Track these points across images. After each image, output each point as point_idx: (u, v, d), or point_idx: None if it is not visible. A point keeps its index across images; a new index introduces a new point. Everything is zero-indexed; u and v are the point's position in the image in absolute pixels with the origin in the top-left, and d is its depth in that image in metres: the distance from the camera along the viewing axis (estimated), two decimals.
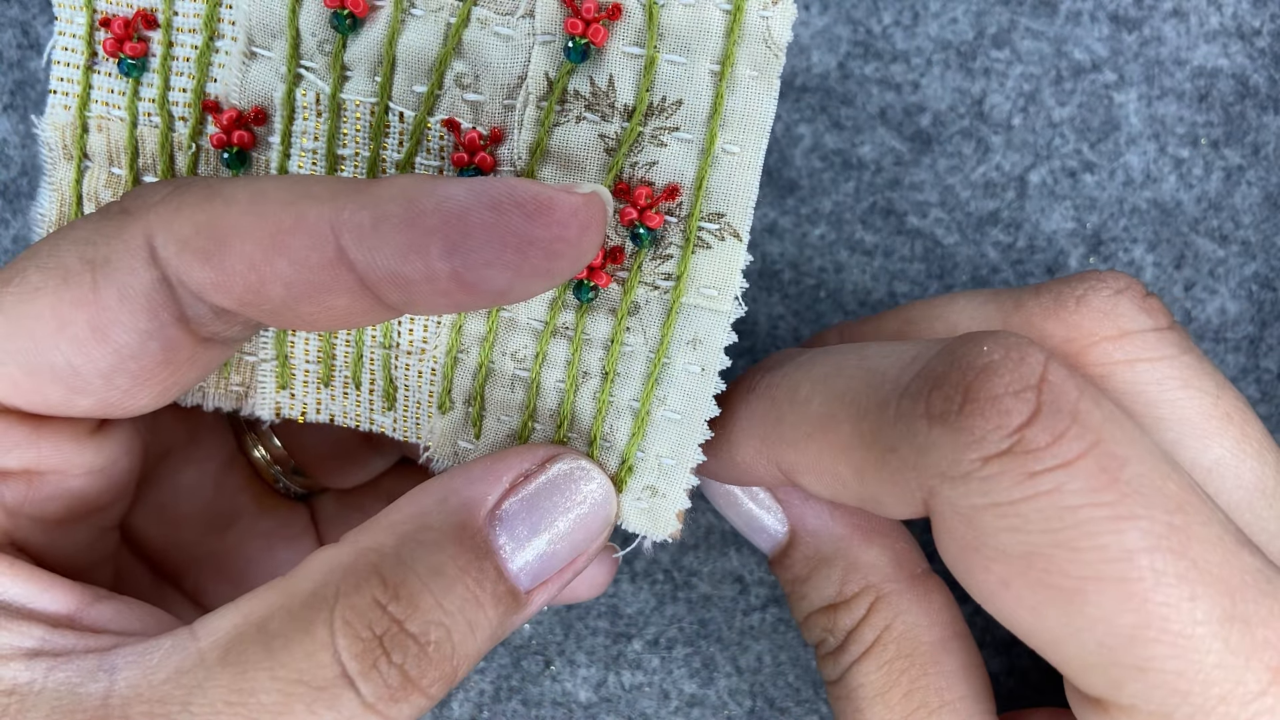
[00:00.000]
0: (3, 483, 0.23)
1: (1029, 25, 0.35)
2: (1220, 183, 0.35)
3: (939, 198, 0.35)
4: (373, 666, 0.20)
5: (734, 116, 0.23)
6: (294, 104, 0.25)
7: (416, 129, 0.24)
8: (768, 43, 0.23)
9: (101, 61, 0.25)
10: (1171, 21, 0.34)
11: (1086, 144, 0.35)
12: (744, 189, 0.24)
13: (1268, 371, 0.35)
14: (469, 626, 0.21)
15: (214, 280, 0.21)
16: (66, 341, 0.21)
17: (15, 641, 0.21)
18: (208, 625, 0.21)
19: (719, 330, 0.24)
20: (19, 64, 0.35)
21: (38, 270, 0.21)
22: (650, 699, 0.35)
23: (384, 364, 0.26)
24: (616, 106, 0.23)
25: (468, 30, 0.24)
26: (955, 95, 0.35)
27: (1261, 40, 0.34)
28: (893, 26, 0.35)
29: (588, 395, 0.25)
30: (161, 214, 0.21)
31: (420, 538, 0.22)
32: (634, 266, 0.24)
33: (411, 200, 0.21)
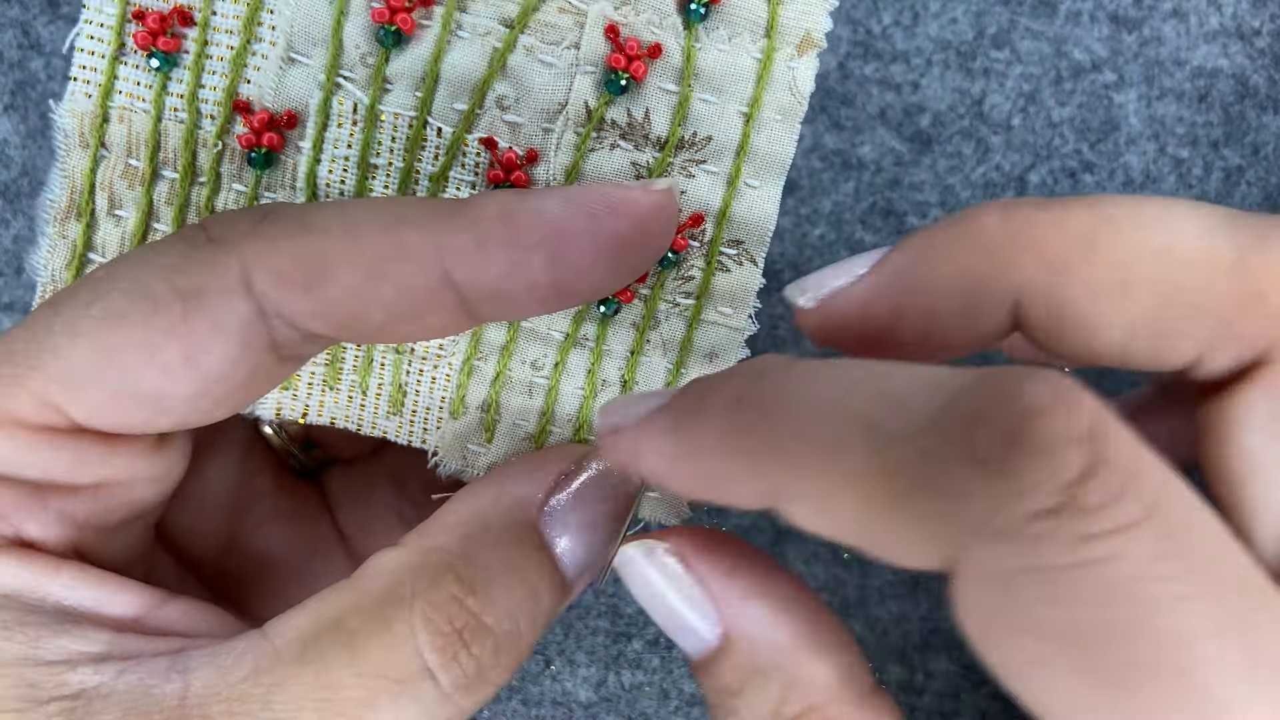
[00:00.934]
0: (75, 496, 0.23)
1: (1029, 25, 0.35)
2: (1220, 183, 0.35)
3: (939, 198, 0.35)
4: (453, 659, 0.21)
5: (758, 155, 0.25)
6: (329, 111, 0.25)
7: (454, 144, 0.25)
8: (792, 90, 0.25)
9: (130, 53, 0.26)
10: (1171, 22, 0.34)
11: (1086, 144, 0.35)
12: (763, 220, 0.26)
13: None
14: (531, 617, 0.23)
15: (313, 310, 0.21)
16: (156, 370, 0.21)
17: (81, 646, 0.21)
18: (278, 627, 0.22)
19: (734, 345, 0.26)
20: (19, 64, 0.35)
21: (122, 295, 0.21)
22: (650, 698, 0.36)
23: (394, 369, 0.27)
24: (650, 137, 0.25)
25: (513, 55, 0.25)
26: (955, 95, 0.35)
27: (1261, 40, 0.34)
28: (893, 27, 0.35)
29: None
30: (256, 246, 0.21)
31: (484, 537, 0.23)
32: (657, 285, 0.26)
33: (510, 217, 0.21)
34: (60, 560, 0.23)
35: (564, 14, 0.25)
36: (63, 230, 0.26)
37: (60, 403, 0.22)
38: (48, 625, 0.22)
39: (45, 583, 0.22)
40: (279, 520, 0.31)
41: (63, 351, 0.21)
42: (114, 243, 0.26)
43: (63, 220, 0.26)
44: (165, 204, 0.26)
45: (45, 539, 0.23)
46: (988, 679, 0.35)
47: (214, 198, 0.26)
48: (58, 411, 0.22)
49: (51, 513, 0.23)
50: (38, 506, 0.23)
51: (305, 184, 0.25)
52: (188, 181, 0.26)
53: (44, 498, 0.23)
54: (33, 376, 0.21)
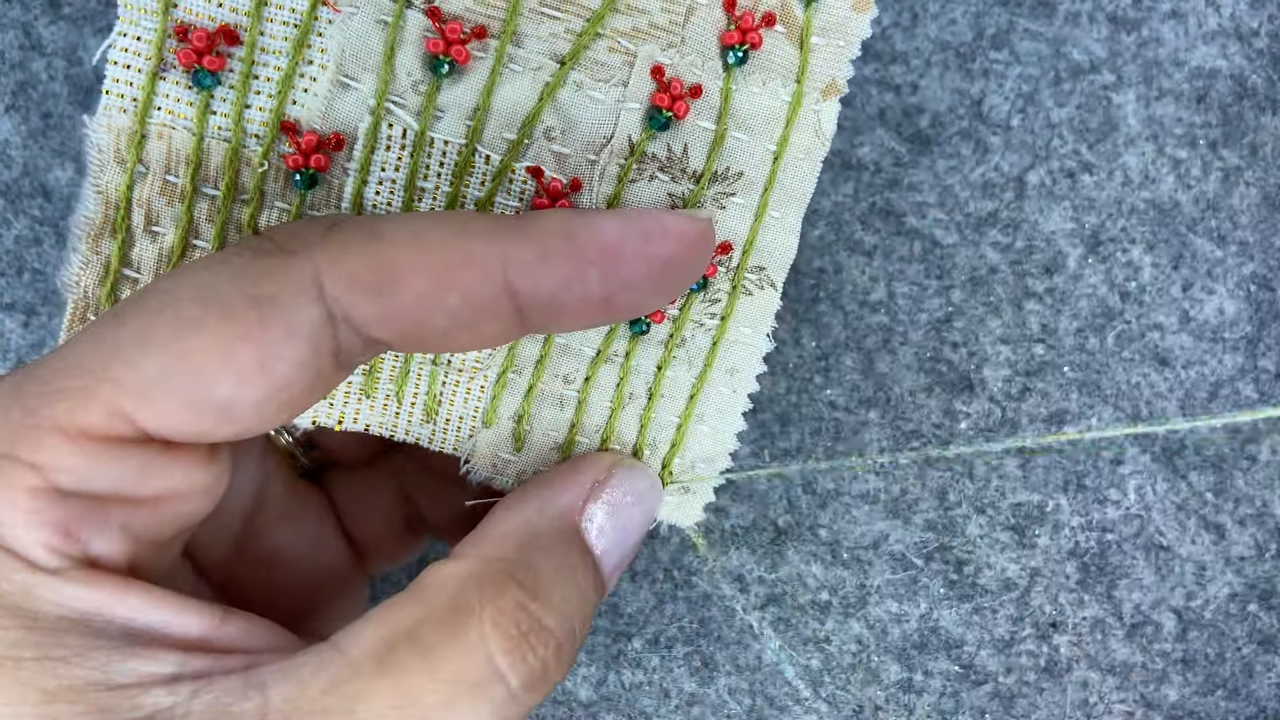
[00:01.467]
0: (137, 510, 0.23)
1: (1028, 26, 0.35)
2: (1218, 183, 0.35)
3: (938, 198, 0.35)
4: (521, 660, 0.23)
5: (782, 189, 0.27)
6: (378, 135, 0.26)
7: (501, 172, 0.26)
8: (817, 132, 0.27)
9: (170, 69, 0.25)
10: (1170, 22, 0.35)
11: (1085, 145, 0.35)
12: (784, 249, 0.27)
13: (1265, 371, 0.35)
14: (584, 617, 0.25)
15: (381, 314, 0.22)
16: (231, 376, 0.21)
17: (152, 668, 0.21)
18: (351, 639, 0.22)
19: (753, 361, 0.28)
20: (21, 65, 0.35)
21: (194, 303, 0.22)
22: (650, 698, 0.36)
23: (430, 379, 0.28)
24: (687, 171, 0.26)
25: (563, 90, 0.26)
26: (954, 96, 0.35)
27: (1260, 41, 0.35)
28: (892, 27, 0.35)
29: (633, 414, 0.28)
30: (328, 252, 0.22)
31: (537, 544, 0.25)
32: (685, 306, 0.28)
33: (571, 234, 0.23)
34: (127, 580, 0.23)
35: (614, 54, 0.26)
36: (96, 247, 0.26)
37: (131, 412, 0.21)
38: (117, 648, 0.22)
39: (114, 604, 0.22)
40: (289, 521, 0.31)
41: (135, 360, 0.21)
42: (151, 259, 0.26)
43: (96, 237, 0.26)
44: (206, 221, 0.26)
45: (110, 556, 0.23)
46: (988, 679, 0.36)
47: (256, 216, 0.26)
48: (127, 421, 0.22)
49: (115, 528, 0.23)
50: (102, 522, 0.22)
51: (351, 204, 0.26)
52: (230, 199, 0.26)
53: (108, 511, 0.22)
54: (103, 387, 0.21)
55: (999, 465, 0.36)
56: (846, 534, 0.36)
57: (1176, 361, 0.35)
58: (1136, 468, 0.35)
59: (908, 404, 0.35)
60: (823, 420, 0.36)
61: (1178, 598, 0.36)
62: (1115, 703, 0.36)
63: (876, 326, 0.35)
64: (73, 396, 0.21)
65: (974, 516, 0.36)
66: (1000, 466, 0.36)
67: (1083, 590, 0.36)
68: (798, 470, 0.36)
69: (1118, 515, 0.35)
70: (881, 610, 0.36)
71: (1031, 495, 0.36)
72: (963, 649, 0.36)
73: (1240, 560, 0.35)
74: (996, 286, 0.35)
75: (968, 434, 0.35)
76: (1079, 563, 0.36)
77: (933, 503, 0.36)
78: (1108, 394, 0.35)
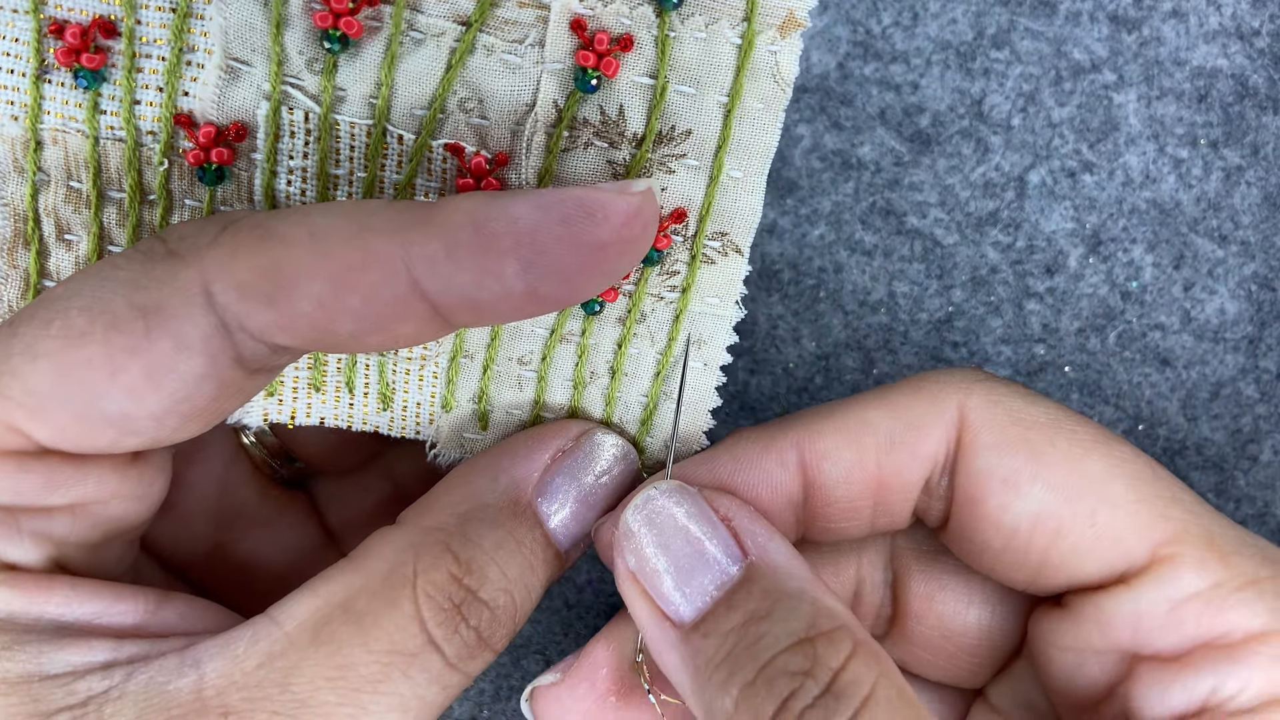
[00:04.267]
0: (50, 518, 0.23)
1: (1028, 25, 0.35)
2: (1219, 183, 0.35)
3: (938, 198, 0.35)
4: (454, 631, 0.23)
5: (740, 146, 0.24)
6: (279, 122, 0.24)
7: (417, 152, 0.24)
8: (775, 77, 0.24)
9: (53, 71, 0.24)
10: (1171, 22, 0.34)
11: (1086, 144, 0.35)
12: (747, 210, 0.25)
13: (1267, 371, 0.35)
14: (526, 588, 0.24)
15: (278, 322, 0.21)
16: (120, 389, 0.21)
17: (86, 657, 0.22)
18: (285, 611, 0.22)
19: (722, 331, 0.26)
20: None
21: (81, 313, 0.21)
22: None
23: (380, 369, 0.26)
24: (626, 134, 0.24)
25: (472, 57, 0.23)
26: (955, 95, 0.35)
27: (1261, 40, 0.34)
28: (892, 27, 0.35)
29: (597, 392, 0.26)
30: (216, 258, 0.21)
31: (480, 516, 0.24)
32: (640, 281, 0.25)
33: (481, 224, 0.21)
34: (50, 578, 0.23)
35: (524, 8, 0.23)
36: (12, 260, 0.25)
37: (23, 426, 0.21)
38: (48, 641, 0.22)
39: (38, 602, 0.22)
40: (264, 527, 0.30)
41: (22, 373, 0.21)
42: (68, 268, 0.25)
43: (10, 250, 0.25)
44: (117, 226, 0.25)
45: (26, 561, 0.23)
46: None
47: (167, 217, 0.25)
48: (21, 435, 0.21)
49: (27, 535, 0.22)
50: (11, 530, 0.22)
51: (264, 198, 0.24)
52: (137, 201, 0.25)
53: (17, 521, 0.22)
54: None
55: None
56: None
57: (1178, 361, 0.35)
58: None
59: None
60: None
61: None
62: None
63: (877, 326, 0.35)
64: None
65: None
66: None
67: None
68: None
69: None
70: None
71: None
72: None
73: None
74: (997, 286, 0.35)
75: None
76: None
77: None
78: (1109, 394, 0.35)
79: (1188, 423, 0.35)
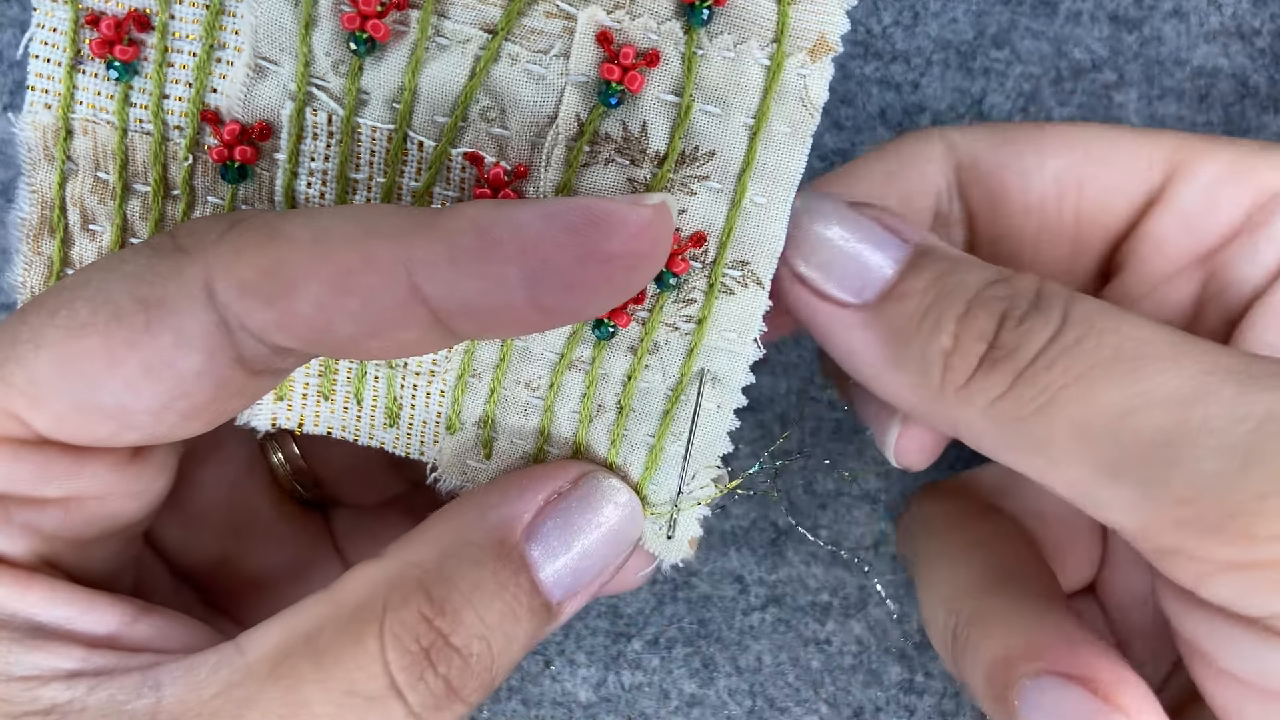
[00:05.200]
0: (42, 510, 0.23)
1: (1029, 25, 0.35)
2: None
3: None
4: (419, 678, 0.21)
5: (765, 170, 0.23)
6: (303, 123, 0.24)
7: (436, 160, 0.24)
8: (804, 101, 0.23)
9: (87, 61, 0.24)
10: (1171, 21, 0.34)
11: None
12: (770, 239, 0.24)
13: None
14: (506, 638, 0.22)
15: (278, 322, 0.21)
16: (118, 381, 0.21)
17: (53, 663, 0.21)
18: (253, 639, 0.22)
19: (738, 371, 0.25)
20: (20, 64, 0.35)
21: (86, 304, 0.21)
22: (650, 699, 0.36)
23: (388, 383, 0.26)
24: (648, 152, 0.23)
25: (497, 65, 0.23)
26: (955, 95, 0.35)
27: (1261, 40, 0.34)
28: (893, 26, 0.35)
29: (602, 428, 0.25)
30: (220, 255, 0.21)
31: (461, 553, 0.22)
32: (655, 308, 0.24)
33: (484, 230, 0.20)
34: (30, 575, 0.22)
35: (551, 19, 0.23)
36: (37, 247, 0.25)
37: (22, 413, 0.21)
38: (19, 641, 0.22)
39: (15, 598, 0.22)
40: (276, 543, 0.30)
41: (26, 361, 0.21)
42: (91, 257, 0.25)
43: (36, 237, 0.25)
44: (140, 219, 0.25)
45: (12, 553, 0.22)
46: None
47: (190, 212, 0.25)
48: (20, 422, 0.21)
49: (16, 526, 0.22)
50: (0, 520, 0.22)
51: (284, 199, 0.24)
52: (160, 196, 0.25)
53: (7, 510, 0.22)
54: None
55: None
56: (847, 535, 0.36)
57: None
58: None
59: None
60: (823, 420, 0.36)
61: None
62: None
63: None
64: None
65: None
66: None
67: None
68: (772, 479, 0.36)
69: None
70: (881, 610, 0.36)
71: None
72: None
73: None
74: None
75: None
76: None
77: None
78: None
79: None
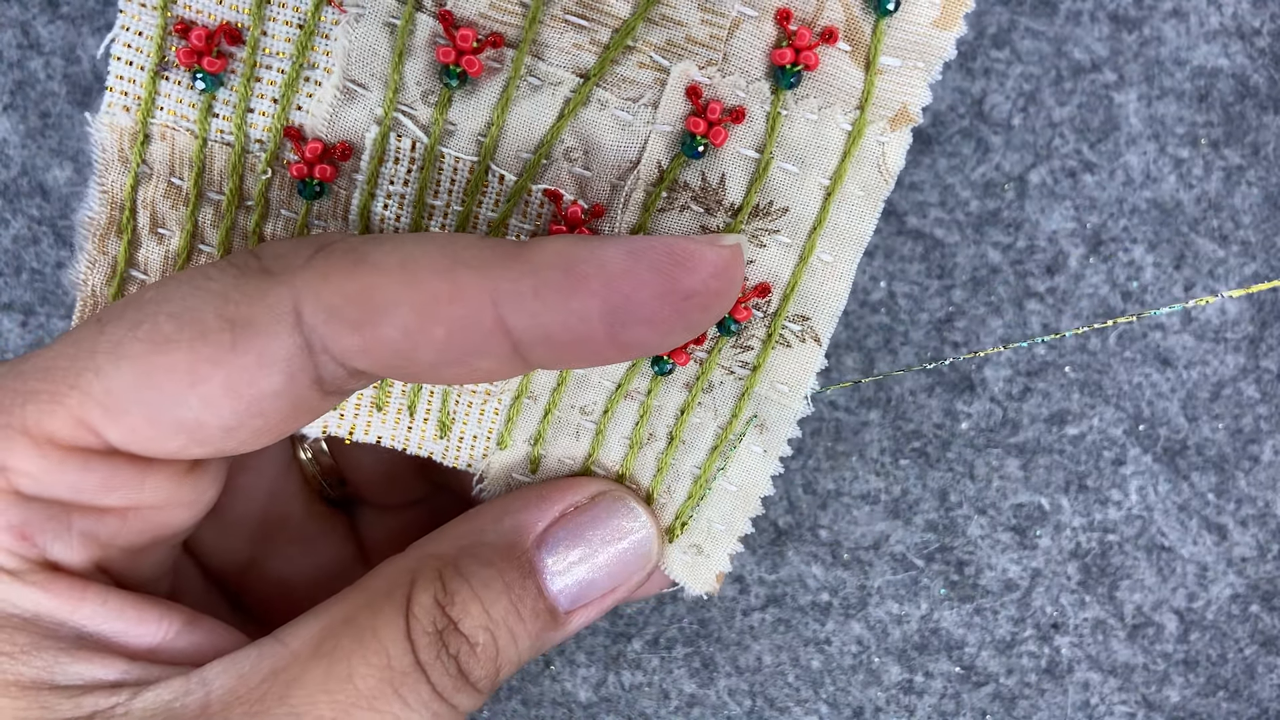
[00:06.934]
0: (101, 519, 0.23)
1: (1029, 25, 0.35)
2: (1220, 183, 0.35)
3: (939, 197, 0.35)
4: (436, 657, 0.22)
5: (835, 230, 0.24)
6: (386, 147, 0.24)
7: (516, 193, 0.24)
8: (880, 168, 0.23)
9: (172, 69, 0.24)
10: (1171, 21, 0.34)
11: (1086, 144, 0.35)
12: (833, 298, 0.24)
13: (1268, 371, 0.35)
14: (510, 635, 0.23)
15: (363, 347, 0.21)
16: (198, 398, 0.21)
17: (98, 673, 0.22)
18: (293, 631, 0.23)
19: (785, 422, 0.25)
20: (19, 64, 0.35)
21: (170, 320, 0.21)
22: (650, 699, 0.35)
23: (443, 397, 0.26)
24: (723, 203, 0.24)
25: (586, 109, 0.23)
26: (955, 95, 0.35)
27: (1261, 40, 0.34)
28: None
29: (650, 455, 0.26)
30: (309, 280, 0.21)
31: (475, 551, 0.24)
32: (714, 350, 0.25)
33: (571, 265, 0.21)
34: (85, 585, 0.23)
35: (644, 69, 0.23)
36: (103, 247, 0.25)
37: (97, 424, 0.21)
38: (66, 650, 0.22)
39: (68, 609, 0.22)
40: (304, 545, 0.30)
41: (105, 372, 0.21)
42: (157, 262, 0.25)
43: (102, 237, 0.25)
44: (211, 227, 0.25)
45: (68, 560, 0.23)
46: (989, 680, 0.35)
47: (262, 224, 0.25)
48: (93, 432, 0.21)
49: (76, 534, 0.22)
50: (63, 528, 0.22)
51: (359, 218, 0.25)
52: (234, 206, 0.25)
53: (70, 518, 0.22)
54: (72, 395, 0.21)
55: (1000, 466, 0.35)
56: (847, 534, 0.36)
57: (1178, 361, 0.35)
58: (1138, 468, 0.35)
59: (909, 404, 0.35)
60: (823, 420, 0.36)
61: (1179, 599, 0.36)
62: (1117, 704, 0.36)
63: (877, 326, 0.35)
64: (42, 401, 0.21)
65: (975, 517, 0.36)
66: (1001, 467, 0.35)
67: (1084, 591, 0.35)
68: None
69: (1119, 516, 0.35)
70: (882, 611, 0.36)
71: (1033, 496, 0.35)
72: (964, 650, 0.36)
73: (1242, 561, 0.35)
74: (998, 286, 0.35)
75: (969, 434, 0.35)
76: (1080, 564, 0.35)
77: (934, 503, 0.35)
78: (1109, 394, 0.35)
79: (1188, 423, 0.35)
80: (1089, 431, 0.35)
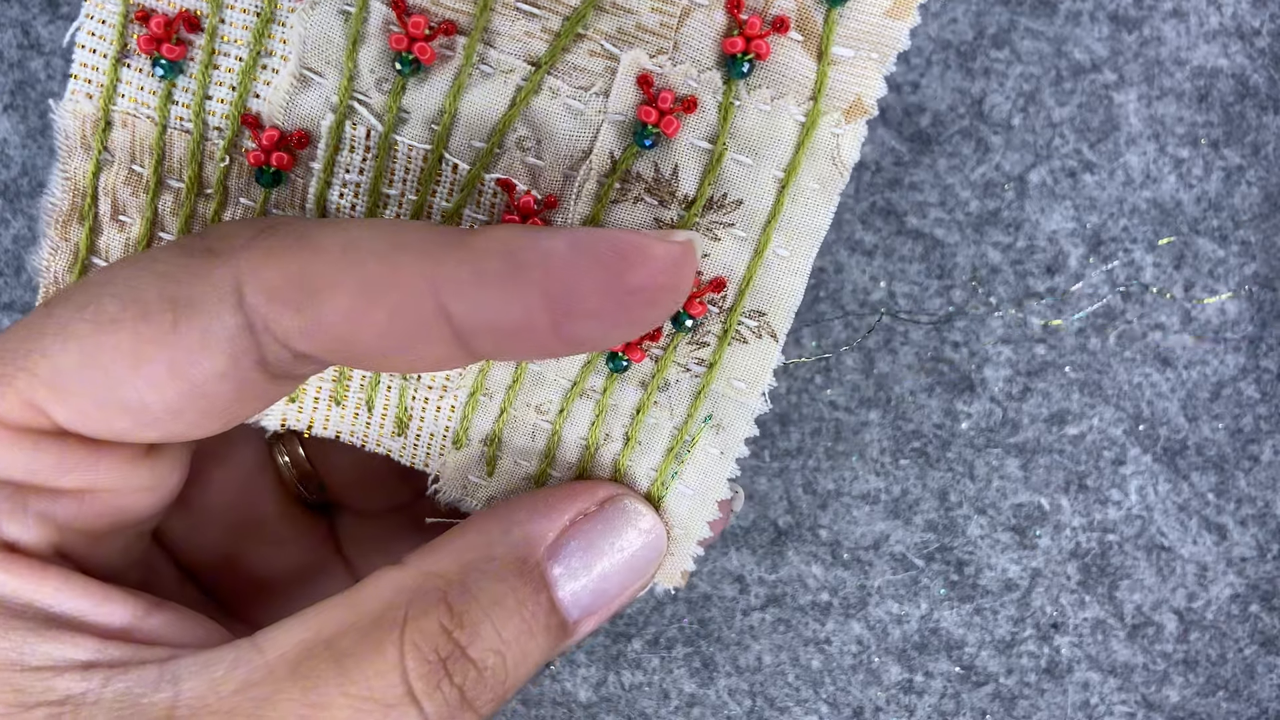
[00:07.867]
0: (56, 500, 0.23)
1: (1029, 25, 0.35)
2: (1220, 183, 0.35)
3: (939, 198, 0.35)
4: (436, 687, 0.21)
5: (790, 223, 0.24)
6: (341, 135, 0.24)
7: (469, 182, 0.24)
8: (835, 159, 0.23)
9: (133, 56, 0.24)
10: (1171, 21, 0.34)
11: (1086, 144, 0.35)
12: (789, 293, 0.24)
13: (1268, 371, 0.35)
14: (522, 653, 0.23)
15: (303, 329, 0.21)
16: (142, 379, 0.21)
17: (68, 653, 0.21)
18: (271, 638, 0.22)
19: (742, 421, 0.25)
20: (19, 64, 0.35)
21: (115, 300, 0.21)
22: (650, 699, 0.35)
23: (400, 393, 0.26)
24: (676, 195, 0.24)
25: (537, 97, 0.23)
26: (955, 95, 0.35)
27: (1261, 40, 0.34)
28: None
29: (607, 456, 0.26)
30: (251, 259, 0.21)
31: (483, 567, 0.23)
32: (669, 347, 0.25)
33: (513, 254, 0.20)
34: (45, 565, 0.22)
35: (595, 58, 0.23)
36: (65, 233, 0.26)
37: (45, 405, 0.21)
38: (34, 630, 0.22)
39: (30, 588, 0.22)
40: (280, 545, 0.30)
41: (52, 353, 0.21)
42: (118, 248, 0.26)
43: (64, 223, 0.26)
44: (171, 214, 0.25)
45: (27, 541, 0.23)
46: (989, 680, 0.35)
47: (221, 212, 0.25)
48: (41, 413, 0.21)
49: (32, 515, 0.22)
50: (18, 508, 0.22)
51: (315, 206, 0.25)
52: (193, 194, 0.25)
53: (25, 499, 0.22)
54: (19, 377, 0.21)
55: (1000, 466, 0.35)
56: (847, 534, 0.36)
57: (1178, 361, 0.35)
58: (1138, 468, 0.35)
59: (908, 404, 0.35)
60: (823, 420, 0.36)
61: (1179, 598, 0.36)
62: (1116, 704, 0.36)
63: (877, 326, 0.35)
64: None
65: (975, 517, 0.36)
66: (1001, 467, 0.35)
67: (1084, 591, 0.36)
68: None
69: (1119, 516, 0.35)
70: (882, 611, 0.36)
71: (1033, 496, 0.35)
72: (963, 650, 0.36)
73: (1242, 561, 0.35)
74: (998, 286, 0.35)
75: (968, 434, 0.35)
76: (1080, 563, 0.35)
77: (933, 503, 0.36)
78: (1109, 394, 0.35)
79: (1188, 423, 0.35)
80: (1089, 431, 0.35)
